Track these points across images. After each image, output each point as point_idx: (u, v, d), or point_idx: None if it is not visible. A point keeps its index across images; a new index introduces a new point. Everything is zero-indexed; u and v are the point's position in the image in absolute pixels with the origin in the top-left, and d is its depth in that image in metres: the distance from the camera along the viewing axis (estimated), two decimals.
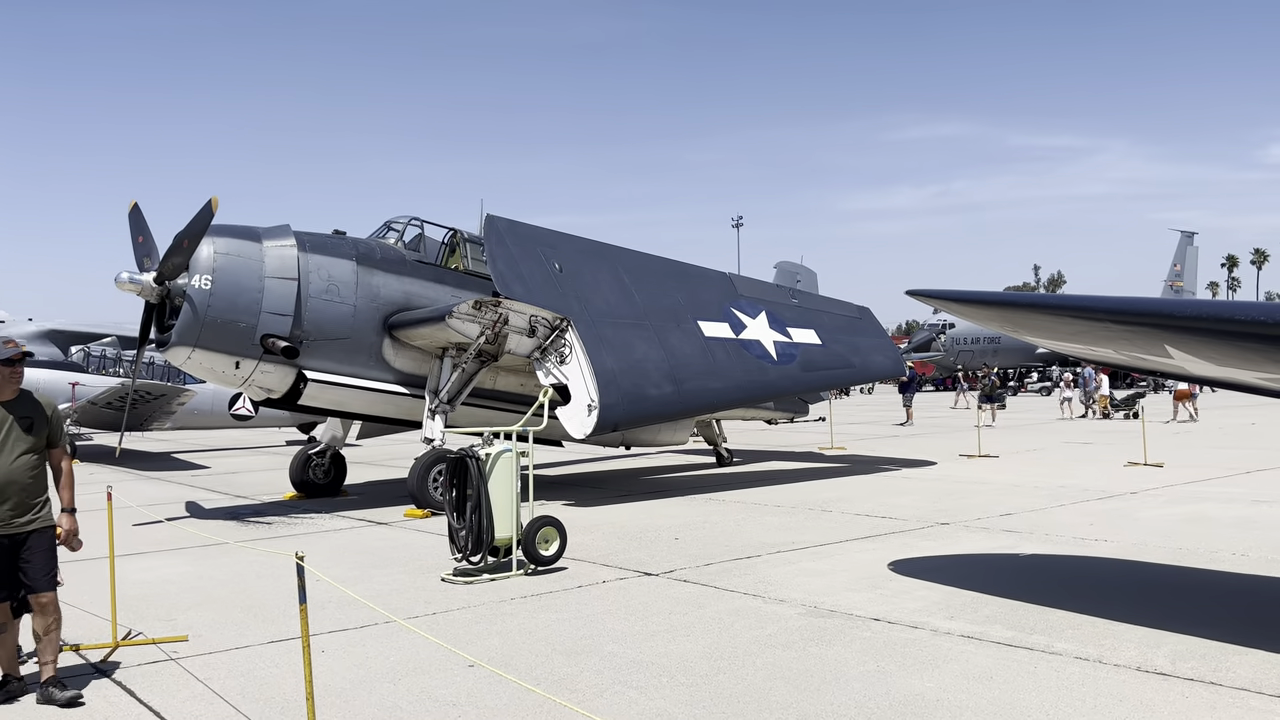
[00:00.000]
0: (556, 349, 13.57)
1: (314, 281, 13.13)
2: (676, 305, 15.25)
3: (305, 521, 12.70)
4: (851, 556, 9.31)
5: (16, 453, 5.64)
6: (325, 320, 13.20)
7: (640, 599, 7.70)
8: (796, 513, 12.30)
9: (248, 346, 12.61)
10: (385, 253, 14.15)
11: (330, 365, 13.34)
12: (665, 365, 14.25)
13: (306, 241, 13.30)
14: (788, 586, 8.00)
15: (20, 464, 5.63)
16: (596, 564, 9.20)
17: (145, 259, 12.72)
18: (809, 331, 16.58)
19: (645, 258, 15.89)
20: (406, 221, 14.79)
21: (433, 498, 12.87)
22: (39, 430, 5.76)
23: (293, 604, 7.56)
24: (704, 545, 10.05)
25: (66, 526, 5.83)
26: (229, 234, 12.64)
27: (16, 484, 5.62)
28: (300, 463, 15.26)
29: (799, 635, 6.52)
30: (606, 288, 14.69)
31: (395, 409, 14.07)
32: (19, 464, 5.62)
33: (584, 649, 6.32)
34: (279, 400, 13.50)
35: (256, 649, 6.57)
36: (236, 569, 9.37)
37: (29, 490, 5.67)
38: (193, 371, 12.99)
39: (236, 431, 27.82)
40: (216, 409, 24.58)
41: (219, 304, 12.31)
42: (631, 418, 13.75)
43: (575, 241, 15.31)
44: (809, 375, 16.34)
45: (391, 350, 13.87)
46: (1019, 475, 15.87)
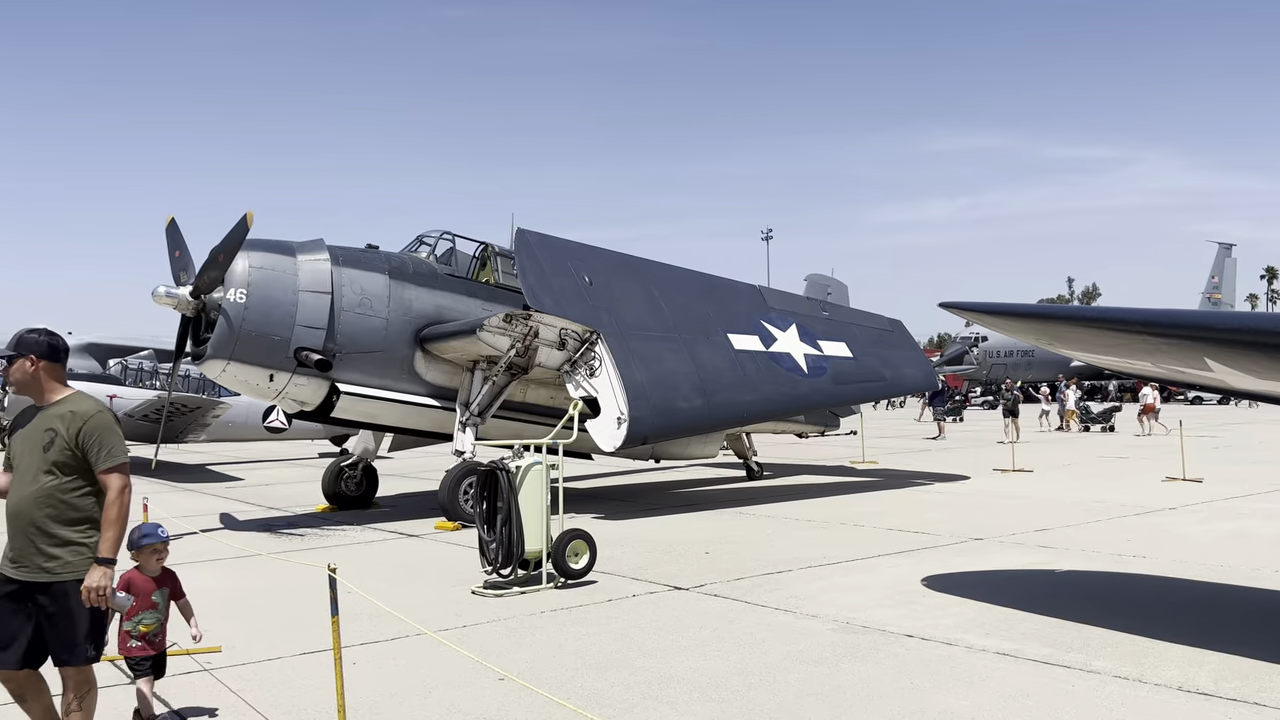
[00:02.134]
0: (586, 362, 13.58)
1: (347, 295, 13.26)
2: (706, 318, 15.23)
3: (337, 534, 12.78)
4: (884, 572, 9.21)
5: (29, 476, 4.29)
6: (358, 333, 13.32)
7: (671, 613, 7.67)
8: (828, 527, 12.20)
9: (282, 359, 12.75)
10: (417, 266, 14.27)
11: (363, 378, 13.45)
12: (695, 378, 14.23)
13: (340, 255, 13.44)
14: (820, 602, 7.93)
15: (32, 492, 4.27)
16: (627, 578, 9.18)
17: (182, 273, 12.91)
18: (840, 344, 16.48)
19: (674, 270, 15.90)
20: (438, 235, 14.91)
21: (463, 510, 12.91)
22: (61, 448, 4.26)
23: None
24: (735, 559, 10.00)
25: (88, 583, 4.19)
26: (264, 248, 12.80)
27: (24, 517, 4.26)
28: (332, 475, 15.38)
29: (831, 651, 6.45)
30: (636, 301, 14.71)
31: (427, 421, 14.15)
32: (30, 492, 4.28)
33: (614, 663, 6.30)
34: (312, 413, 13.63)
35: (289, 660, 6.61)
36: (270, 581, 9.45)
37: (41, 528, 4.25)
38: (227, 384, 13.16)
39: (270, 444, 28.07)
40: (251, 421, 24.85)
41: (253, 317, 12.47)
42: (661, 431, 13.73)
43: (605, 254, 15.35)
44: (840, 388, 16.25)
45: (423, 363, 13.97)
46: (1054, 490, 15.65)
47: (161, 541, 4.91)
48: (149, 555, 4.92)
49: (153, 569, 4.93)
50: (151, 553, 4.92)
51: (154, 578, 4.92)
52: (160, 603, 4.95)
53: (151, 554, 4.92)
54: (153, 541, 4.89)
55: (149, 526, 4.97)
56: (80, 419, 4.27)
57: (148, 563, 4.92)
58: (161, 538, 4.91)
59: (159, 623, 4.91)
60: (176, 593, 5.08)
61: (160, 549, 4.93)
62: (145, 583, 4.89)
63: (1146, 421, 30.09)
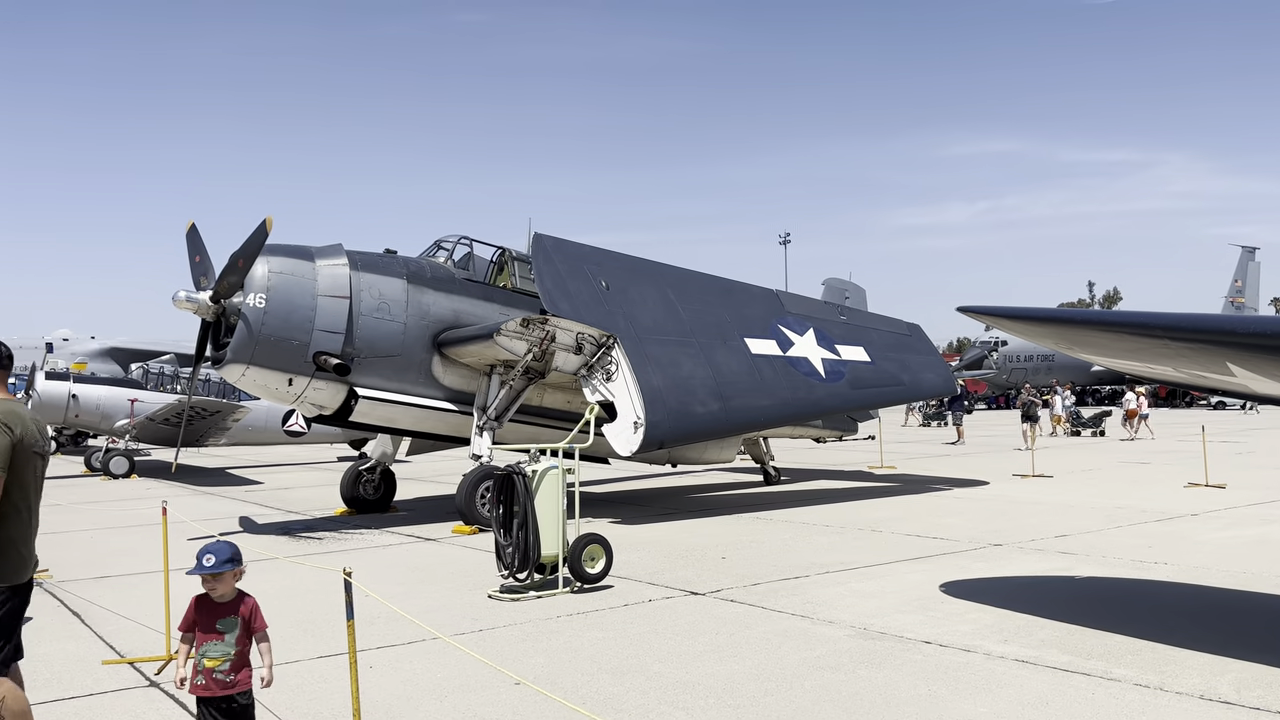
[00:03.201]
0: (603, 366, 13.59)
1: (365, 300, 13.32)
2: (723, 322, 15.21)
3: (355, 537, 12.83)
4: (902, 578, 9.16)
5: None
6: (376, 338, 13.37)
7: (687, 619, 7.65)
8: (845, 533, 12.14)
9: (300, 364, 12.81)
10: (435, 271, 14.32)
11: (381, 382, 13.51)
12: (712, 382, 14.20)
13: (358, 260, 13.51)
14: (837, 608, 7.89)
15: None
16: (643, 582, 9.16)
17: (202, 278, 13.01)
18: (858, 349, 16.42)
19: (691, 275, 15.89)
20: (456, 240, 14.95)
21: (480, 514, 12.94)
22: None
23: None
24: (752, 565, 9.97)
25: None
26: (283, 253, 12.88)
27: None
28: (351, 479, 15.45)
29: (848, 658, 6.42)
30: (653, 305, 14.71)
31: (444, 425, 14.19)
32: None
33: (630, 668, 6.29)
34: (331, 417, 13.69)
35: (306, 664, 6.64)
36: (287, 584, 9.48)
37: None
38: (246, 388, 13.24)
39: (289, 447, 28.24)
40: (270, 425, 25.00)
41: (273, 322, 12.54)
42: (678, 435, 13.71)
43: (622, 259, 15.36)
44: (858, 393, 16.18)
45: (440, 367, 14.01)
46: (1074, 496, 15.51)
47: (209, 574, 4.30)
48: (211, 581, 4.36)
49: (220, 594, 4.31)
50: (203, 582, 4.33)
51: (221, 604, 4.30)
52: (227, 633, 4.28)
53: (203, 583, 4.34)
54: (198, 573, 4.30)
55: (201, 553, 4.32)
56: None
57: (212, 587, 4.31)
58: (206, 569, 4.28)
59: (227, 657, 4.25)
60: (253, 624, 4.37)
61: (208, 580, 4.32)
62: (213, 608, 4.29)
63: (1131, 426, 30.88)
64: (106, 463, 22.57)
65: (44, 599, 8.93)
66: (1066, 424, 33.87)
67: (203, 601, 4.37)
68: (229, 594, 4.36)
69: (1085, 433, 33.28)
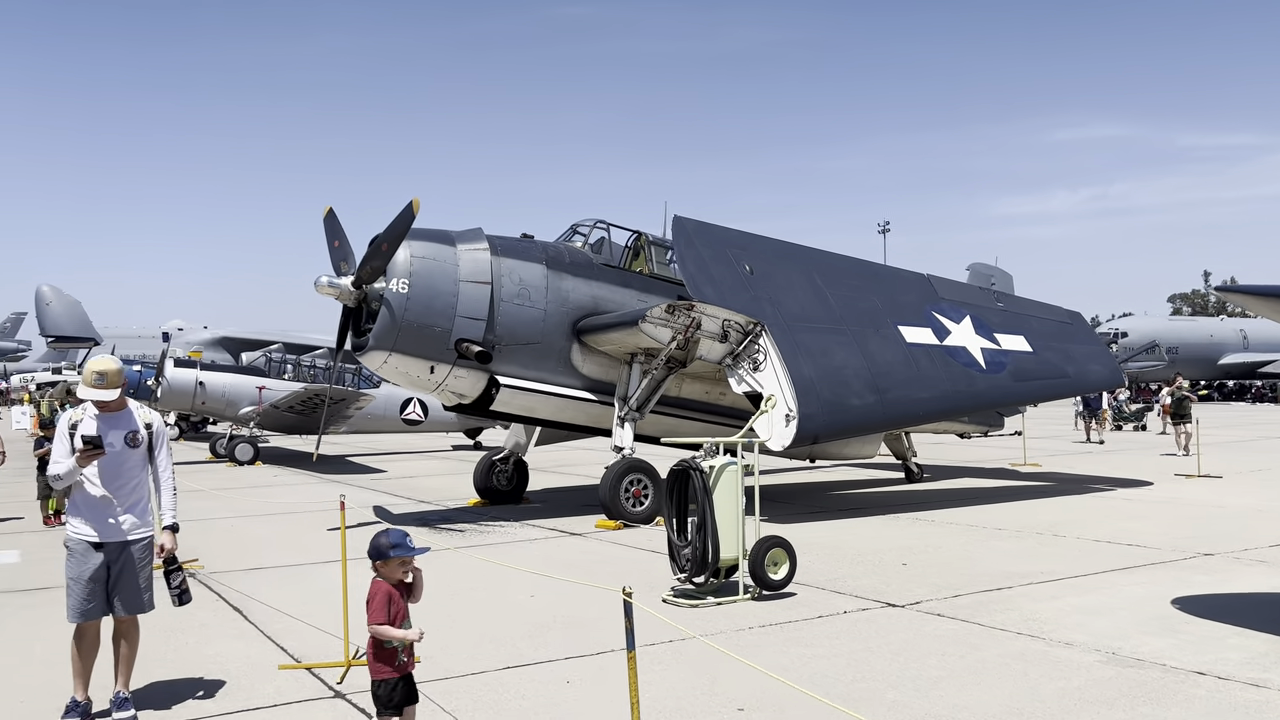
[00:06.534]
0: (750, 355, 12.84)
1: (506, 285, 12.86)
2: (874, 309, 14.29)
3: (496, 530, 12.40)
4: (1120, 591, 8.20)
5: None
6: (517, 325, 12.91)
7: (898, 635, 6.87)
8: (1024, 537, 11.16)
9: (442, 351, 12.42)
10: (573, 256, 13.79)
11: (520, 370, 13.04)
12: (866, 373, 13.32)
13: (498, 245, 13.05)
14: (1064, 626, 7.01)
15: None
16: (826, 590, 8.42)
17: (342, 263, 12.71)
18: (1018, 338, 15.29)
19: (838, 258, 15.01)
20: (592, 224, 14.40)
21: (625, 509, 12.39)
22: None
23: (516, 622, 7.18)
24: (940, 573, 9.12)
25: None
26: (424, 237, 12.49)
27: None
28: (484, 469, 15.08)
29: (1114, 690, 5.56)
30: (800, 290, 13.89)
31: (584, 416, 13.66)
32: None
33: (861, 695, 5.55)
34: (470, 406, 13.29)
35: (495, 675, 6.09)
36: (444, 579, 9.03)
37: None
38: (388, 376, 12.92)
39: (404, 436, 28.22)
40: (389, 413, 25.01)
41: (415, 308, 12.17)
42: (832, 429, 12.88)
43: (765, 242, 14.59)
44: (1020, 385, 15.05)
45: (580, 355, 13.47)
46: (1259, 499, 14.14)
47: (412, 555, 4.35)
48: (396, 567, 4.34)
49: (399, 577, 4.36)
50: (399, 564, 4.34)
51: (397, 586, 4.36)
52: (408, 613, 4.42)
53: (399, 565, 4.34)
54: (404, 554, 4.33)
55: (398, 534, 4.38)
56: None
57: (394, 574, 4.35)
58: (412, 550, 4.35)
59: None
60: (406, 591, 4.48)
61: (409, 562, 4.38)
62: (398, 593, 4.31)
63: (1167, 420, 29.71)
64: (232, 449, 22.83)
65: (201, 591, 8.64)
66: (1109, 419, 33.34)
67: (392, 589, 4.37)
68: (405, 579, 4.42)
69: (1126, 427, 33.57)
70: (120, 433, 5.30)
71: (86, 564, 5.20)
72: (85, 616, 5.22)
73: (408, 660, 4.33)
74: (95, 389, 5.27)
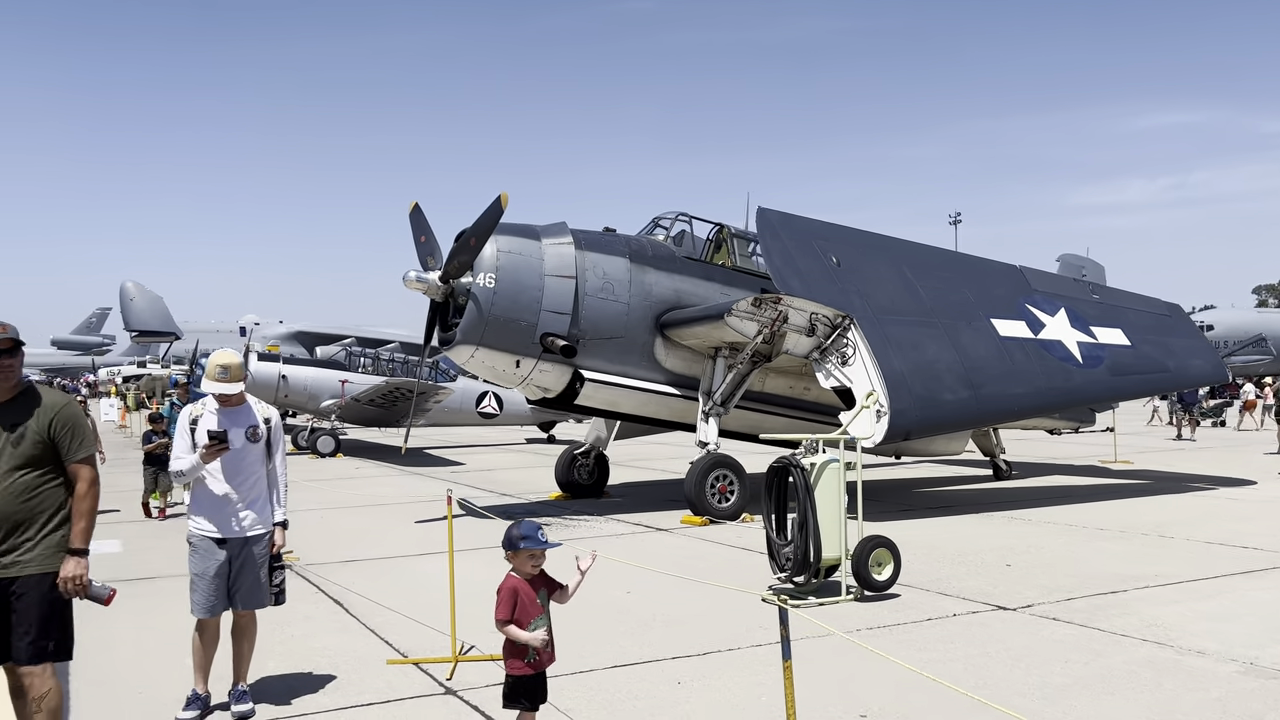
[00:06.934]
0: (838, 349, 12.57)
1: (590, 279, 12.80)
2: (966, 301, 13.90)
3: (581, 524, 12.35)
4: (1244, 596, 7.81)
5: (1, 473, 4.14)
6: (601, 319, 12.84)
7: (1016, 641, 6.61)
8: (1129, 539, 10.74)
9: (528, 345, 12.42)
10: (656, 249, 13.67)
11: (604, 365, 12.98)
12: (959, 367, 12.96)
13: (582, 239, 13.00)
14: (1191, 633, 6.68)
15: (6, 488, 4.13)
16: (932, 592, 8.17)
17: (429, 258, 12.78)
18: (1115, 331, 14.74)
19: (927, 249, 14.65)
20: (674, 216, 14.26)
21: (711, 505, 12.25)
22: (34, 441, 4.19)
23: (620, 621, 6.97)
24: (1046, 574, 8.80)
25: (64, 573, 4.16)
26: (510, 232, 12.49)
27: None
28: (565, 463, 15.07)
29: (1260, 703, 5.25)
30: (888, 282, 13.57)
31: (667, 410, 13.54)
32: (4, 488, 4.13)
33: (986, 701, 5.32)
34: (554, 400, 13.27)
35: (604, 674, 6.01)
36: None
37: (15, 522, 4.13)
38: (474, 370, 12.97)
39: (478, 429, 28.42)
40: (465, 406, 25.22)
41: (502, 302, 12.18)
42: (925, 425, 12.55)
43: (851, 233, 14.29)
44: (1119, 380, 14.50)
45: (662, 350, 13.36)
46: None
47: (541, 549, 4.27)
48: (525, 559, 4.25)
49: (529, 573, 4.27)
50: (529, 557, 4.26)
51: (529, 580, 4.27)
52: (544, 605, 4.26)
53: (529, 558, 4.26)
54: (532, 547, 4.24)
55: (529, 526, 4.29)
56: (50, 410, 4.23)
57: (523, 566, 4.27)
58: (543, 543, 4.26)
59: (548, 629, 4.26)
60: (554, 588, 4.37)
61: (538, 555, 4.29)
62: (527, 588, 4.23)
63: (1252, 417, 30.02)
64: (313, 442, 23.22)
65: (299, 584, 8.72)
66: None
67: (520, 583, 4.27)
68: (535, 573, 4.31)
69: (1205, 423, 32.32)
70: (241, 428, 5.31)
71: (210, 560, 5.23)
72: (209, 612, 5.26)
73: (540, 657, 4.23)
74: (219, 382, 5.29)
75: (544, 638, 4.20)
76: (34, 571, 4.13)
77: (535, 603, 4.24)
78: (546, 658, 4.27)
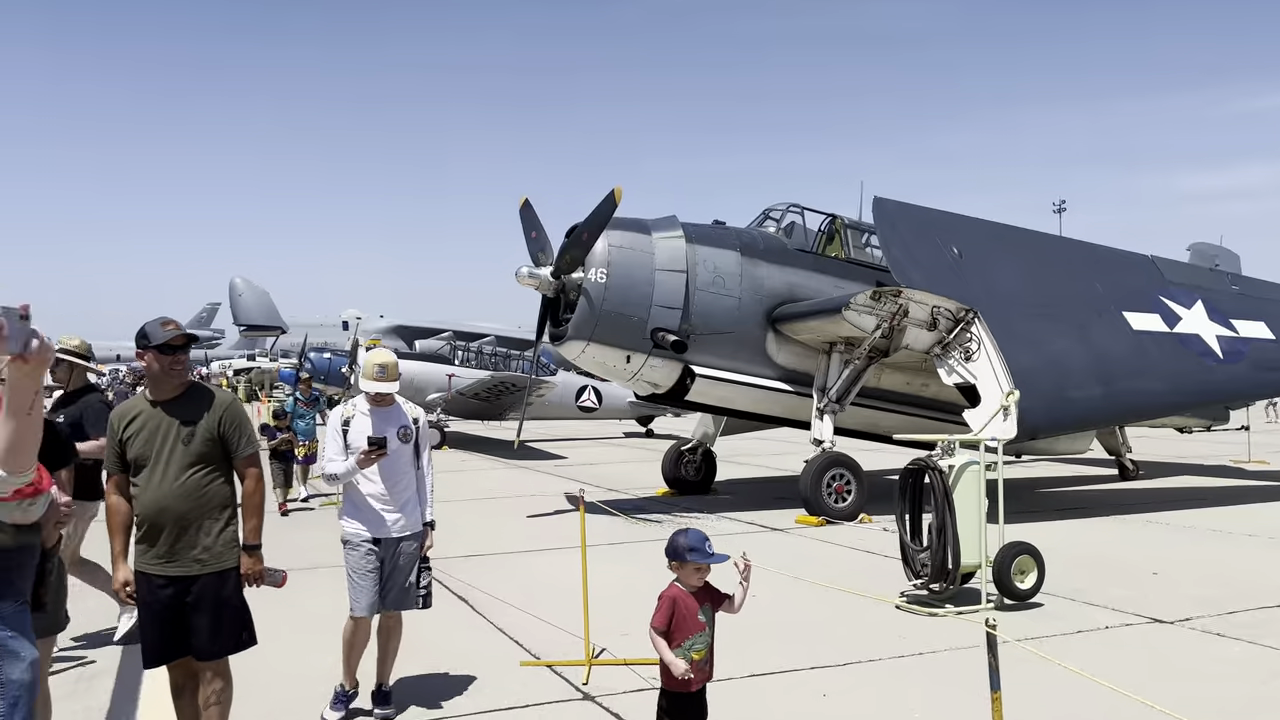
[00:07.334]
0: (961, 344, 12.10)
1: (701, 274, 12.62)
2: (1095, 293, 13.25)
3: (693, 522, 12.15)
4: None
5: (174, 472, 4.13)
6: (711, 313, 12.64)
7: (1179, 657, 6.20)
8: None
9: (639, 340, 12.31)
10: (767, 242, 13.40)
11: (714, 360, 12.78)
12: (1089, 363, 12.36)
13: (693, 233, 12.82)
14: None
15: (179, 487, 4.12)
16: (1076, 601, 7.75)
17: (540, 254, 12.77)
18: (1257, 324, 13.88)
19: (1052, 239, 14.08)
20: (785, 208, 13.96)
21: (827, 504, 11.95)
22: (204, 439, 4.17)
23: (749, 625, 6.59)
24: (1197, 584, 8.28)
25: (244, 569, 4.29)
26: (621, 226, 12.38)
27: (171, 513, 4.12)
28: (672, 459, 14.94)
29: None
30: (1013, 274, 13.03)
31: (780, 407, 13.28)
32: (177, 486, 4.12)
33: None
34: (664, 395, 13.14)
35: (743, 683, 5.82)
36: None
37: (192, 522, 4.15)
38: (584, 365, 12.93)
39: (576, 422, 28.50)
40: (565, 400, 25.33)
41: (614, 297, 12.09)
42: (1055, 424, 12.01)
43: (971, 223, 13.78)
44: (1262, 376, 13.65)
45: (774, 345, 13.09)
46: None
47: (708, 563, 4.06)
48: (690, 571, 4.04)
49: (693, 585, 4.06)
50: (694, 570, 4.04)
51: (693, 593, 4.05)
52: (707, 622, 4.03)
53: (694, 571, 4.05)
54: (699, 560, 4.02)
55: (696, 536, 4.07)
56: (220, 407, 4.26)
57: (688, 579, 4.06)
58: (710, 556, 4.03)
59: (708, 646, 4.01)
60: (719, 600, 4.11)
61: (704, 569, 4.08)
62: (689, 600, 4.01)
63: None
64: None
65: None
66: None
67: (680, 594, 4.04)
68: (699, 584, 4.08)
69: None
70: (393, 428, 5.28)
71: (367, 559, 5.21)
72: (371, 610, 5.22)
73: (694, 675, 3.98)
74: (378, 382, 5.26)
75: (684, 667, 3.90)
76: (213, 570, 4.18)
77: (696, 617, 4.01)
78: (699, 677, 4.03)
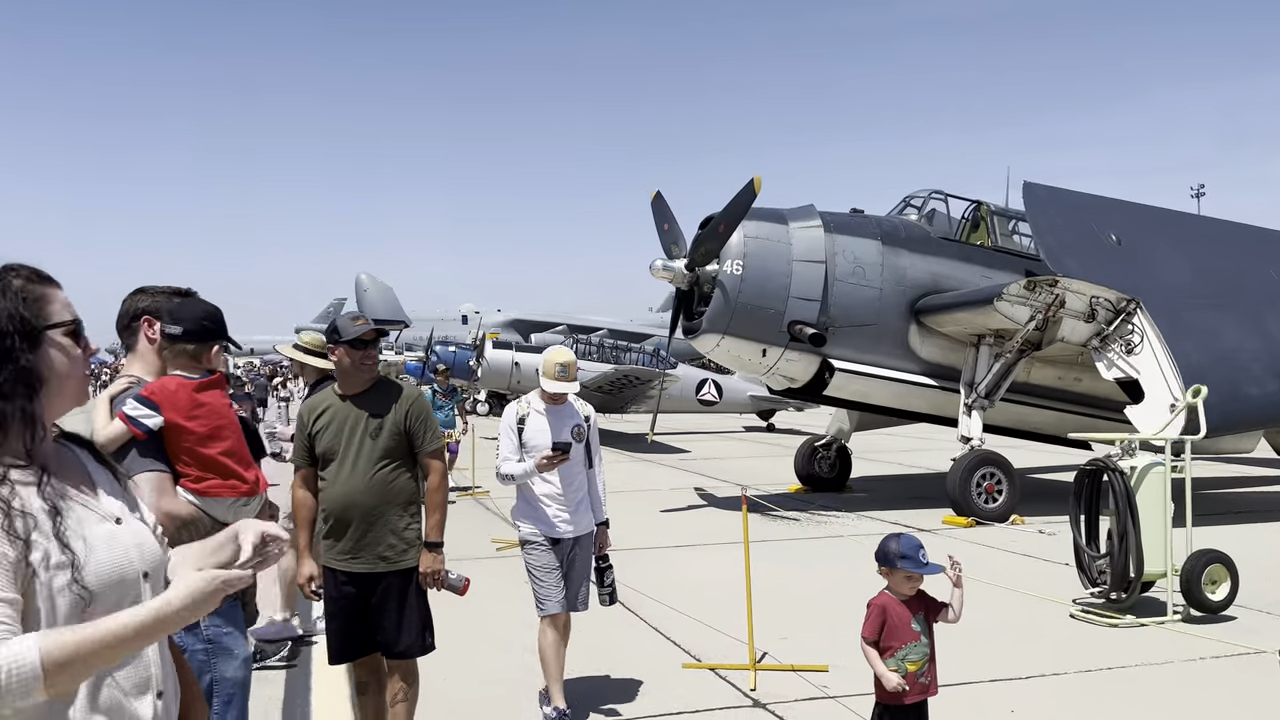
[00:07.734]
0: (1122, 336, 11.40)
1: (840, 264, 12.24)
2: (1269, 281, 12.31)
3: (832, 521, 11.85)
4: None
5: (362, 466, 4.10)
6: (851, 305, 12.25)
7: None
8: None
9: (775, 334, 12.02)
10: (909, 231, 12.91)
11: (854, 354, 12.38)
12: (1265, 356, 11.49)
13: (831, 222, 12.45)
14: None
15: (367, 481, 4.08)
16: (1273, 615, 7.16)
17: (673, 246, 12.62)
18: None
19: (1219, 224, 13.15)
20: (927, 194, 13.43)
21: (977, 505, 11.44)
22: (391, 433, 4.13)
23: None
24: None
25: (424, 567, 4.18)
26: (757, 217, 12.10)
27: (359, 508, 4.08)
28: (805, 455, 14.59)
29: None
30: (1177, 262, 12.21)
31: (924, 402, 12.79)
32: (365, 481, 4.08)
33: None
34: (800, 390, 12.82)
35: None
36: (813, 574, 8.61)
37: (379, 517, 4.10)
38: (719, 359, 12.74)
39: (696, 415, 28.27)
40: (685, 394, 25.21)
41: (749, 290, 11.83)
42: (1227, 421, 11.16)
43: (1128, 207, 13.00)
44: None
45: (917, 337, 12.60)
46: None
47: (921, 573, 3.83)
48: (902, 580, 3.83)
49: (904, 594, 3.84)
50: (906, 579, 3.83)
51: (905, 601, 3.83)
52: (922, 631, 3.81)
53: (905, 579, 3.83)
54: (910, 569, 3.80)
55: (909, 543, 3.84)
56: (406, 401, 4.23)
57: (900, 587, 3.85)
58: (922, 567, 3.79)
59: (925, 657, 3.78)
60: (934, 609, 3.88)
61: (915, 578, 3.85)
62: (900, 609, 3.80)
63: None
64: None
65: None
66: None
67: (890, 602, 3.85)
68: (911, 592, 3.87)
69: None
70: (566, 427, 5.18)
71: (549, 556, 5.11)
72: (563, 606, 5.06)
73: (909, 687, 3.74)
74: (559, 381, 5.15)
75: (897, 680, 3.70)
76: (401, 568, 4.14)
77: (909, 627, 3.78)
78: (917, 690, 3.78)
